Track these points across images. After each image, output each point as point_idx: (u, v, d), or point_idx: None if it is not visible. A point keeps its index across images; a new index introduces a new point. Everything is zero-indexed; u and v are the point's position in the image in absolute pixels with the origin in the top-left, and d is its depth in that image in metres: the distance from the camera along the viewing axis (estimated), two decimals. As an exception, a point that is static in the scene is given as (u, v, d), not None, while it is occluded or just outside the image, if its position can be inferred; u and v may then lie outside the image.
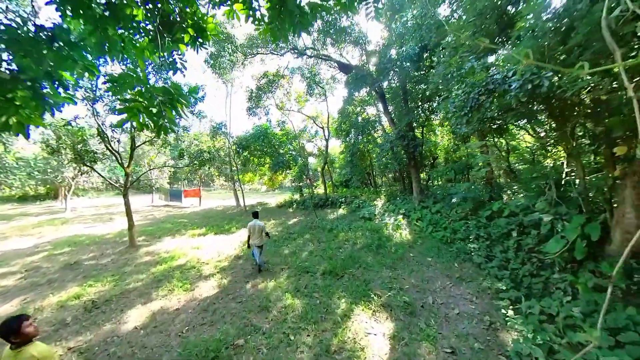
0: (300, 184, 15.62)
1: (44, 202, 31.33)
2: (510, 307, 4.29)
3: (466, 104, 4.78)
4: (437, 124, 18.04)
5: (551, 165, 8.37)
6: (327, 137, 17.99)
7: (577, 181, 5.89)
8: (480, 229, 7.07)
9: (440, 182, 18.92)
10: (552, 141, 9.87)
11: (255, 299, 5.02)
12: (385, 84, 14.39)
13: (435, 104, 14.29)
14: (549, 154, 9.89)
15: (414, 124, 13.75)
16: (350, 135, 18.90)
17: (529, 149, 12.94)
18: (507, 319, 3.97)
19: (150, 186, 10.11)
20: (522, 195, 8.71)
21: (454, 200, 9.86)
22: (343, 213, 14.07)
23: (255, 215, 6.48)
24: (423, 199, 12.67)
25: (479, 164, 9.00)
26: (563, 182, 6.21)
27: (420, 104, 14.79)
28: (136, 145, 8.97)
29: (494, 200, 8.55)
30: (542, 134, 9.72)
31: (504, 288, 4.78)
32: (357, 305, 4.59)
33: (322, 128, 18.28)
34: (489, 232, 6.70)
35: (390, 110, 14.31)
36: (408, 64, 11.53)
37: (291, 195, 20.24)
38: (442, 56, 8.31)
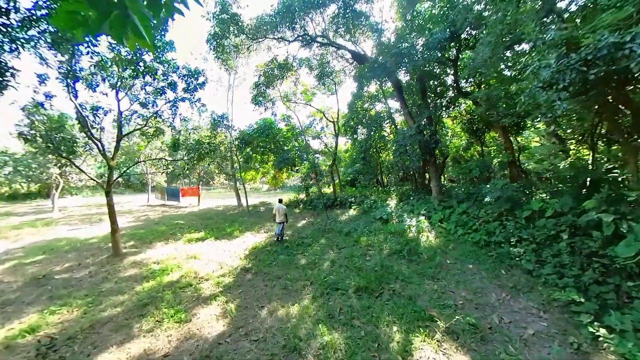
0: (311, 182, 14.27)
1: (34, 200, 29.79)
2: (596, 322, 3.59)
3: (562, 77, 3.44)
4: (449, 121, 16.96)
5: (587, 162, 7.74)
6: (336, 133, 16.63)
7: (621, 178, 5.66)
8: (521, 231, 6.28)
9: (444, 182, 17.90)
10: (578, 138, 9.35)
11: (278, 334, 3.64)
12: (401, 75, 13.27)
13: (444, 101, 13.31)
14: (571, 152, 9.51)
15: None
16: (357, 132, 17.91)
17: (543, 148, 12.54)
18: (600, 338, 3.32)
19: (143, 184, 8.76)
20: (544, 194, 8.10)
21: (487, 199, 8.76)
22: (355, 214, 12.83)
23: (280, 201, 8.69)
24: (444, 199, 11.51)
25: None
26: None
27: (436, 98, 13.83)
28: (123, 134, 7.53)
29: (521, 199, 7.72)
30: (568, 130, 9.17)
31: (581, 300, 4.05)
32: (415, 334, 3.54)
33: (333, 122, 16.91)
34: (533, 234, 5.93)
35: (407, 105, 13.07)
36: (432, 52, 10.28)
37: (296, 194, 18.93)
38: (486, 35, 7.00)
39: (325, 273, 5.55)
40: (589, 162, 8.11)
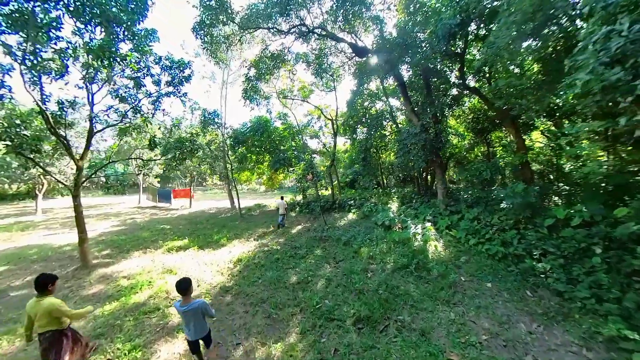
0: (307, 184, 13.49)
1: (22, 201, 28.91)
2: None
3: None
4: (452, 121, 16.28)
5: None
6: (335, 132, 15.84)
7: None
8: (544, 242, 5.54)
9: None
10: (593, 137, 8.34)
11: (251, 390, 2.84)
12: (404, 70, 12.58)
13: (448, 99, 12.63)
14: (584, 153, 8.75)
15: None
16: (357, 132, 17.29)
17: (549, 149, 11.81)
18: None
19: (123, 185, 8.08)
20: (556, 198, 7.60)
21: (503, 204, 8.03)
22: (354, 218, 12.08)
23: (282, 198, 10.36)
24: (450, 203, 10.77)
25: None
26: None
27: (441, 94, 13.15)
28: (95, 130, 6.70)
29: (540, 205, 7.06)
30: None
31: (635, 337, 3.26)
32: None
33: (332, 120, 16.12)
34: (559, 247, 5.21)
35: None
36: (440, 41, 9.47)
37: (293, 196, 18.15)
38: (508, 15, 6.18)
39: (319, 296, 4.74)
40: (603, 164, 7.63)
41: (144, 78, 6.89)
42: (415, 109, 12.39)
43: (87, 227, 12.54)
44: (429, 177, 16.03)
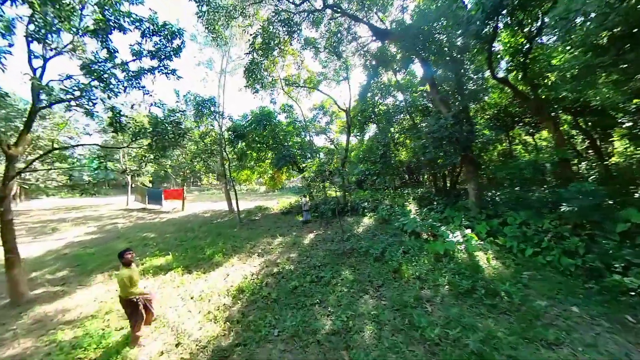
0: (322, 184, 11.70)
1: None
2: None
3: None
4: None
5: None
6: (348, 124, 14.04)
7: None
8: (622, 251, 4.58)
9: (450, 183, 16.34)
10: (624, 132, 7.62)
11: None
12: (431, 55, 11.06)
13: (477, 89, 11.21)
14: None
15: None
16: (365, 128, 15.74)
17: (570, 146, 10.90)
18: None
19: (93, 184, 6.41)
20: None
21: (563, 208, 6.75)
22: (372, 223, 10.32)
23: (304, 196, 10.77)
24: (485, 206, 9.17)
25: None
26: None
27: (469, 83, 11.70)
28: (39, 107, 4.73)
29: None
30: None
31: None
32: None
33: (345, 111, 14.36)
34: None
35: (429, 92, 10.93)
36: (482, 21, 7.75)
37: (298, 198, 16.33)
38: None
39: (373, 357, 2.84)
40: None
41: (111, 33, 4.95)
42: (451, 94, 10.87)
43: (57, 234, 10.54)
44: (447, 176, 14.57)
